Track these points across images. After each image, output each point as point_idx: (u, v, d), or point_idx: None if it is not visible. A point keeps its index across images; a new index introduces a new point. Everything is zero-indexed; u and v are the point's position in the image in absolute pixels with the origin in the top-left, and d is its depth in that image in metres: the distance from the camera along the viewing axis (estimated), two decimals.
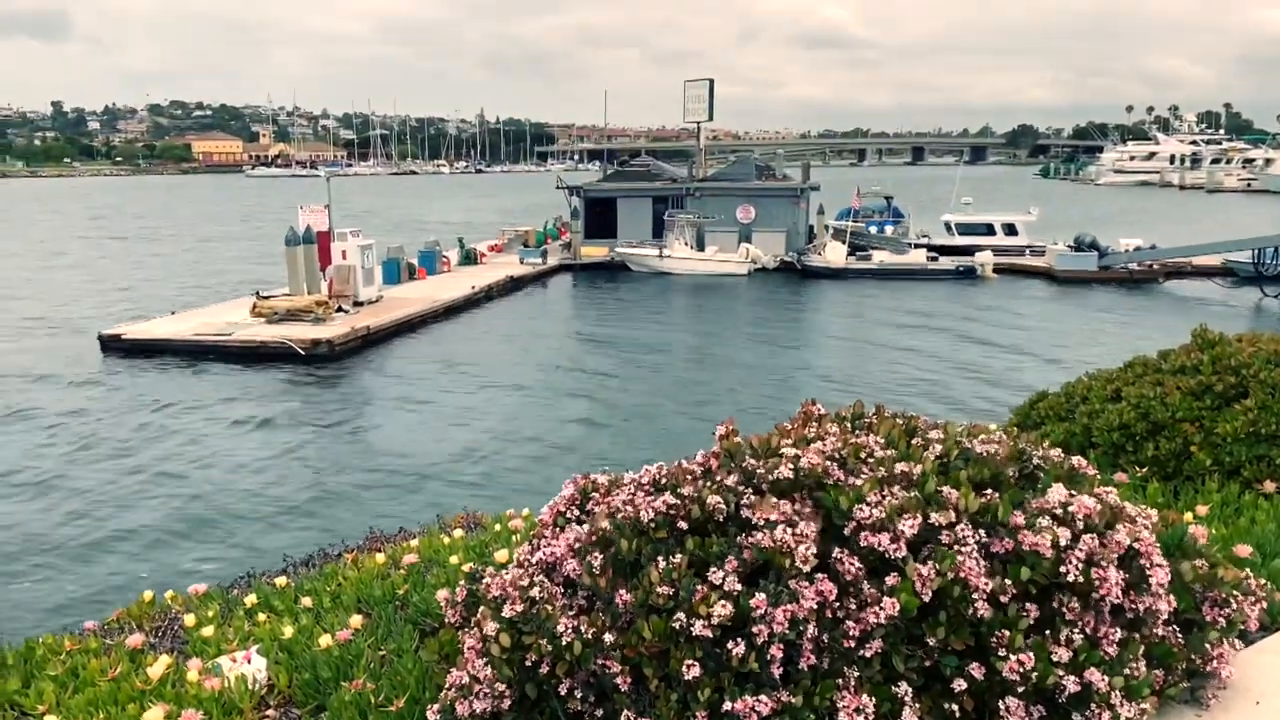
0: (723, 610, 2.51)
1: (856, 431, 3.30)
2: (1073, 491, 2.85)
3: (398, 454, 19.48)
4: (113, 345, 28.50)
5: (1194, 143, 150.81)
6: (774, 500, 2.73)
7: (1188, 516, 4.00)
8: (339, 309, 31.30)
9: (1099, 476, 3.33)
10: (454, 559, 4.80)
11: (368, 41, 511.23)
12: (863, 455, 3.00)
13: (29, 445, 20.17)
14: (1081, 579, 2.59)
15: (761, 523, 2.67)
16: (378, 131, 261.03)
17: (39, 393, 24.35)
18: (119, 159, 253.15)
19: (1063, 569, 2.59)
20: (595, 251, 48.70)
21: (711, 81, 57.79)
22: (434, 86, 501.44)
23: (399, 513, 15.70)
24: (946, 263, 45.05)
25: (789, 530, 2.61)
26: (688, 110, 58.90)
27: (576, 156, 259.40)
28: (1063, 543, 2.61)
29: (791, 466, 2.79)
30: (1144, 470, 5.00)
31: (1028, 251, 47.51)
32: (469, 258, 46.82)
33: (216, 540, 15.24)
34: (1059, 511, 2.73)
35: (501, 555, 4.45)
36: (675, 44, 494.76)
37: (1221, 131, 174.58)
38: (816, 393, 23.87)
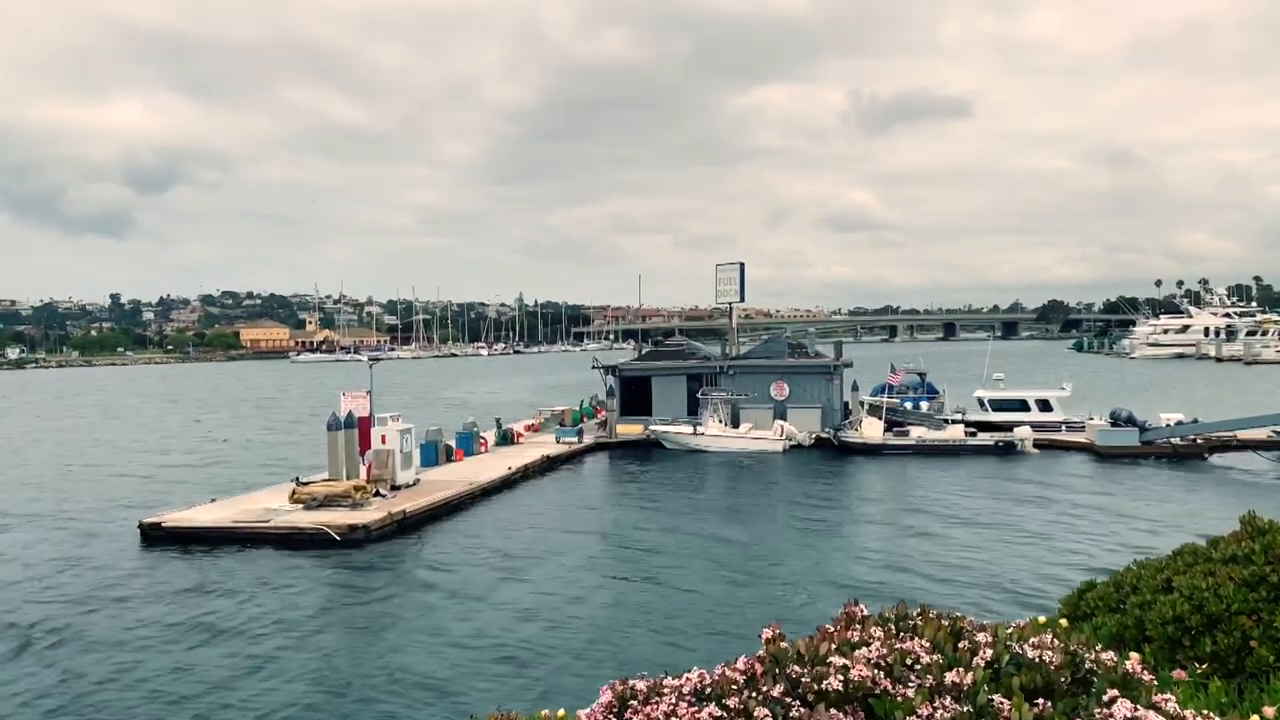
0: None
1: (901, 634, 3.25)
2: (1137, 706, 2.77)
3: (430, 645, 19.10)
4: (153, 533, 28.65)
5: (1227, 315, 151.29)
6: (832, 712, 2.68)
7: None
8: (376, 493, 31.47)
9: (1155, 681, 3.23)
10: None
11: (412, 232, 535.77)
12: (909, 662, 2.95)
13: (57, 638, 20.01)
14: None
15: None
16: (420, 316, 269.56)
17: (73, 583, 24.33)
18: (170, 347, 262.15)
19: None
20: (631, 429, 49.04)
21: (742, 265, 59.59)
22: (474, 272, 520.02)
23: (431, 711, 15.33)
24: (985, 438, 44.76)
25: None
26: (720, 292, 60.47)
27: (611, 337, 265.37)
28: None
29: (841, 679, 2.75)
30: (1203, 667, 4.81)
31: (1064, 427, 47.12)
32: (506, 438, 47.25)
33: None
34: None
35: None
36: (705, 229, 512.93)
37: (1254, 304, 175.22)
38: (861, 576, 23.36)
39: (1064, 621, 5.38)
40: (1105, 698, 2.82)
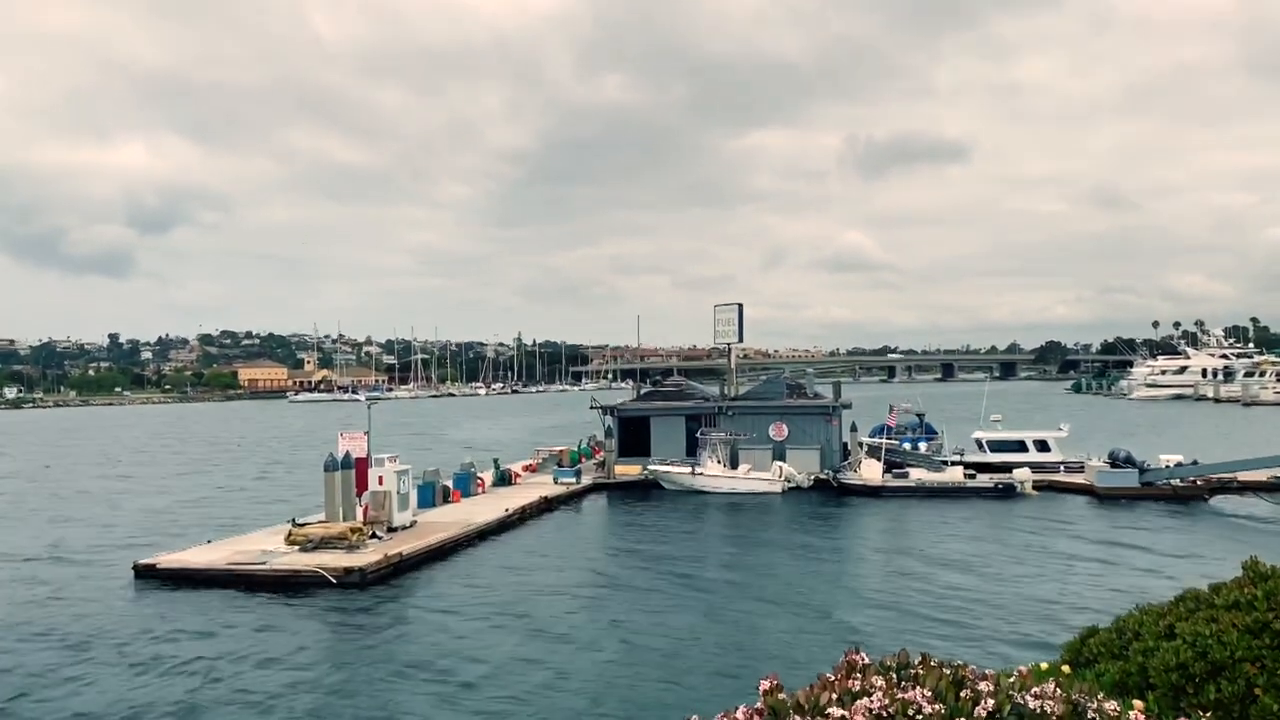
0: None
1: (903, 684, 3.22)
2: None
3: (428, 690, 18.89)
4: (147, 574, 28.43)
5: (1224, 356, 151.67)
6: None
7: None
8: (373, 535, 31.27)
9: None
10: None
11: (412, 273, 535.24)
12: (910, 712, 2.92)
13: (43, 681, 19.78)
14: None
15: None
16: (418, 356, 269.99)
17: (61, 625, 24.06)
18: (168, 387, 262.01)
19: None
20: (629, 470, 48.87)
21: (740, 306, 59.79)
22: (473, 313, 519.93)
23: None
24: (985, 480, 44.61)
25: None
26: (718, 332, 60.62)
27: (610, 376, 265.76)
28: None
29: None
30: (1207, 715, 4.76)
31: (1062, 468, 47.03)
32: (503, 478, 47.06)
33: None
34: None
35: None
36: (703, 270, 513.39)
37: (1251, 345, 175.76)
38: (862, 621, 23.17)
39: (1066, 668, 5.33)
40: None
